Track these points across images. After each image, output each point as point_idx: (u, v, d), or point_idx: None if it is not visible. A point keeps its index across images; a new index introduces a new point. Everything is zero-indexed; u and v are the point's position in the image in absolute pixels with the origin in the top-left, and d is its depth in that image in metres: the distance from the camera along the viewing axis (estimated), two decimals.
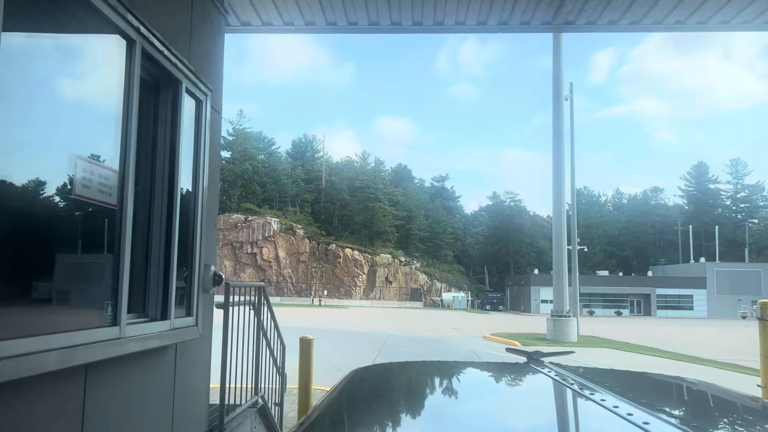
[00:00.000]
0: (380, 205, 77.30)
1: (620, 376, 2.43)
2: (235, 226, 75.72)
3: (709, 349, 21.51)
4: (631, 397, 1.51)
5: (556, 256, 24.03)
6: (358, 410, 1.71)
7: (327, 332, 23.92)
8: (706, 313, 70.14)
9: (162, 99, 2.99)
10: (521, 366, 2.17)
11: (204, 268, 3.30)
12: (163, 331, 2.82)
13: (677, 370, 14.12)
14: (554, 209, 24.96)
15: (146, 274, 2.88)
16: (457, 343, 20.73)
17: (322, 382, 10.98)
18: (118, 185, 2.41)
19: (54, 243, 2.23)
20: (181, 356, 3.29)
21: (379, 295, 74.18)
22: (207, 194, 3.35)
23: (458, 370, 2.37)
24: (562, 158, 24.58)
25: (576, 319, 23.14)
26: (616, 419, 1.32)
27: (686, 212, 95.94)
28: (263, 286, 4.86)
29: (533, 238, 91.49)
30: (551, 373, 1.92)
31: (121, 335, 2.39)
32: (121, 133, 2.44)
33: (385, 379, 2.14)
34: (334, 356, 15.24)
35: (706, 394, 2.00)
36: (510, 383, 2.05)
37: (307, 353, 6.12)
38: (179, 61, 2.91)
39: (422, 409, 1.72)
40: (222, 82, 4.08)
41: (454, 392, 2.00)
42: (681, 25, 7.47)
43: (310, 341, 6.17)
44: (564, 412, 1.66)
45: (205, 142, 3.31)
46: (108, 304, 2.35)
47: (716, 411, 1.80)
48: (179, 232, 2.99)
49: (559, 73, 24.87)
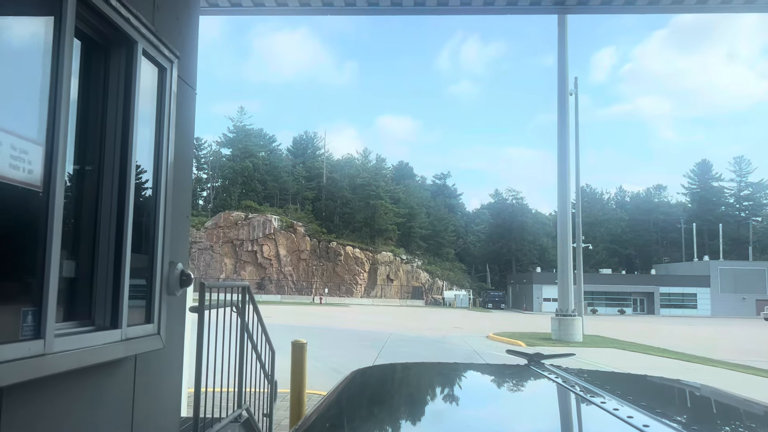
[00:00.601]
0: (381, 202, 76.66)
1: (621, 378, 2.50)
2: (235, 223, 75.26)
3: (718, 349, 20.98)
4: (632, 399, 1.53)
5: (561, 254, 23.50)
6: (357, 412, 1.69)
7: (327, 331, 23.45)
8: (710, 311, 69.56)
9: (113, 62, 2.48)
10: (522, 368, 2.17)
11: (169, 266, 2.80)
12: (111, 342, 2.31)
13: (687, 371, 13.60)
14: (559, 206, 24.42)
15: (92, 274, 2.38)
16: (459, 343, 20.23)
17: (319, 386, 10.50)
18: (44, 162, 1.91)
19: None
20: (143, 371, 2.79)
21: (380, 293, 73.69)
22: (172, 179, 2.84)
23: (458, 372, 2.38)
24: (567, 154, 24.04)
25: (581, 318, 22.61)
26: (616, 422, 1.31)
27: (689, 210, 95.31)
28: (247, 285, 4.35)
29: (535, 236, 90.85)
30: (552, 376, 1.91)
31: (47, 351, 1.88)
32: (49, 98, 1.93)
33: (384, 381, 2.13)
34: (333, 357, 14.75)
35: (707, 399, 2.01)
36: (510, 386, 2.04)
37: (300, 359, 5.62)
38: (133, 15, 2.40)
39: (421, 411, 1.71)
40: (196, 55, 3.56)
41: (453, 394, 1.98)
42: (702, 6, 6.98)
43: (303, 345, 5.67)
44: (565, 414, 1.64)
45: (170, 118, 2.80)
46: (27, 312, 1.85)
47: (718, 415, 1.79)
48: (134, 223, 2.48)
49: (564, 64, 24.30)
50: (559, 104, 24.53)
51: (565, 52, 24.29)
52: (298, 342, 5.66)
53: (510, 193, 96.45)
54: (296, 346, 5.64)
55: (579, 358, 17.47)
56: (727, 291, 70.61)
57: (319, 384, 10.51)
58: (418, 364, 2.59)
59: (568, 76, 24.48)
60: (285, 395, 7.46)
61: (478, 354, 16.37)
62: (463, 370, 2.42)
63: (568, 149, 24.12)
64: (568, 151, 24.07)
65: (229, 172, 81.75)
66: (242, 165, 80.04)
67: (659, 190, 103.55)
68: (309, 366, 13.16)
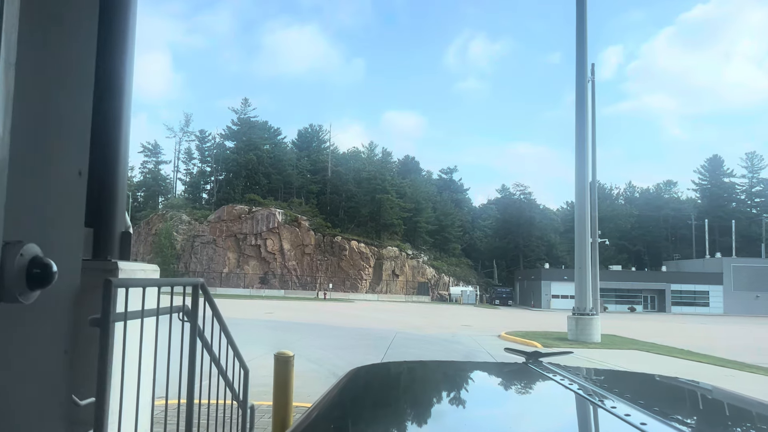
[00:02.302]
0: (387, 196, 75.15)
1: (619, 376, 2.49)
2: (238, 217, 74.09)
3: (749, 350, 19.58)
4: (630, 398, 1.53)
5: (578, 249, 22.09)
6: (356, 410, 1.68)
7: (328, 329, 22.21)
8: (723, 309, 67.97)
9: None
10: (519, 366, 2.15)
11: (10, 248, 1.53)
12: None
13: (726, 379, 12.27)
14: (576, 197, 23.01)
15: None
16: (471, 343, 18.93)
17: (316, 394, 9.25)
18: None
19: None
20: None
21: (385, 288, 72.35)
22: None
23: (456, 369, 2.36)
24: (586, 141, 22.60)
25: (599, 317, 21.26)
26: (614, 420, 1.31)
27: (699, 206, 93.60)
28: (200, 283, 3.07)
29: (543, 232, 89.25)
30: (549, 374, 1.91)
31: None
32: None
33: (383, 379, 2.12)
34: (333, 360, 13.50)
35: (706, 397, 1.99)
36: (508, 384, 2.04)
37: (285, 377, 4.33)
38: None
39: (419, 408, 1.69)
40: None
41: (451, 392, 1.96)
42: None
43: (289, 360, 4.39)
44: (562, 413, 1.61)
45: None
46: None
47: (717, 413, 1.77)
48: None
49: (583, 39, 22.83)
50: (577, 85, 23.05)
51: (584, 19, 22.78)
52: (282, 355, 4.37)
53: (517, 188, 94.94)
54: (280, 360, 4.36)
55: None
56: (740, 289, 68.99)
57: (316, 392, 9.24)
58: (416, 362, 2.60)
59: (587, 55, 23.04)
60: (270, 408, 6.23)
61: (492, 357, 15.08)
62: (461, 368, 2.41)
63: (587, 136, 22.72)
64: (586, 138, 22.67)
65: (232, 165, 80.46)
66: (246, 158, 78.68)
67: (669, 186, 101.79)
68: (306, 370, 11.89)
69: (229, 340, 3.64)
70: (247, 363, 3.98)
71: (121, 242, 5.27)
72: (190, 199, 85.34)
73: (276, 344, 16.60)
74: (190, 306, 2.95)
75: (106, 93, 3.55)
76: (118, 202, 5.10)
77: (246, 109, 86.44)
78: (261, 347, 15.56)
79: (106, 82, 3.78)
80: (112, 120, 4.11)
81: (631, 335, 24.67)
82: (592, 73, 25.97)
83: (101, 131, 3.96)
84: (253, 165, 78.78)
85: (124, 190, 5.03)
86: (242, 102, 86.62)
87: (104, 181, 3.46)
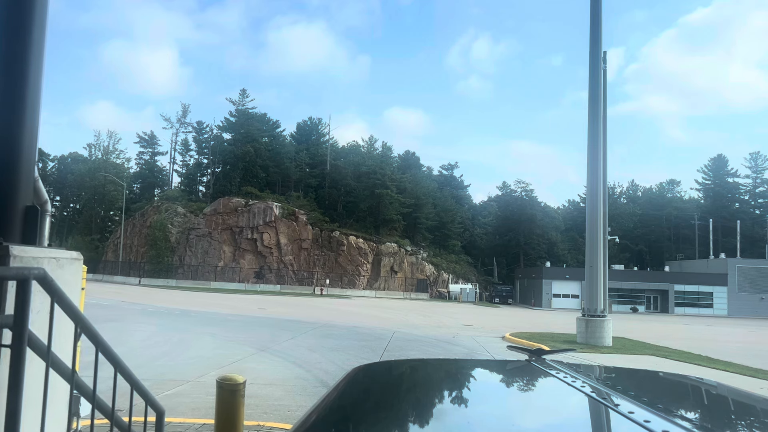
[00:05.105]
0: (387, 191, 73.53)
1: (623, 373, 2.43)
2: (235, 210, 72.61)
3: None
4: (633, 395, 1.51)
5: (589, 248, 20.68)
6: (359, 410, 1.65)
7: (321, 327, 20.84)
8: (727, 311, 66.66)
9: None
10: (523, 364, 2.11)
11: None
12: None
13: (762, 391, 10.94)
14: (588, 195, 21.61)
15: None
16: (473, 345, 17.61)
17: (302, 408, 7.90)
18: None
19: None
20: None
21: (383, 285, 70.94)
22: None
23: (459, 367, 2.34)
24: (599, 137, 21.19)
25: (611, 319, 19.91)
26: (618, 417, 1.29)
27: (702, 206, 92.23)
28: (42, 275, 1.74)
29: (544, 230, 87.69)
30: (553, 371, 1.88)
31: None
32: None
33: (385, 378, 2.06)
34: (322, 364, 12.15)
35: (710, 394, 1.95)
36: (511, 382, 1.99)
37: (230, 411, 2.98)
38: None
39: (422, 407, 1.65)
40: None
41: (454, 390, 1.91)
42: None
43: (236, 389, 3.04)
44: (566, 410, 1.58)
45: None
46: None
47: (720, 410, 1.73)
48: None
49: (598, 32, 21.55)
50: (590, 79, 21.83)
51: (598, 15, 21.50)
52: (227, 382, 3.02)
53: (519, 184, 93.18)
54: (224, 388, 3.01)
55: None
56: (745, 290, 67.65)
57: (300, 406, 7.87)
58: (418, 360, 2.55)
59: (601, 44, 21.75)
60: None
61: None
62: (463, 366, 2.36)
63: (600, 132, 21.35)
64: (599, 134, 21.30)
65: (230, 157, 78.81)
66: (243, 150, 77.04)
67: (672, 185, 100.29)
68: (291, 377, 10.47)
69: (115, 362, 2.28)
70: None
71: (24, 220, 4.01)
72: (186, 191, 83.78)
73: (264, 343, 15.27)
74: (14, 311, 1.62)
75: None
76: (22, 171, 3.93)
77: (244, 100, 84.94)
78: (247, 347, 14.25)
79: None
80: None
81: (639, 337, 23.40)
82: (604, 61, 24.63)
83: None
84: (251, 157, 77.15)
85: (31, 156, 3.90)
86: (240, 93, 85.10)
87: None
